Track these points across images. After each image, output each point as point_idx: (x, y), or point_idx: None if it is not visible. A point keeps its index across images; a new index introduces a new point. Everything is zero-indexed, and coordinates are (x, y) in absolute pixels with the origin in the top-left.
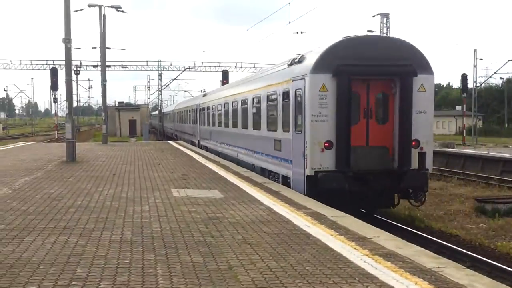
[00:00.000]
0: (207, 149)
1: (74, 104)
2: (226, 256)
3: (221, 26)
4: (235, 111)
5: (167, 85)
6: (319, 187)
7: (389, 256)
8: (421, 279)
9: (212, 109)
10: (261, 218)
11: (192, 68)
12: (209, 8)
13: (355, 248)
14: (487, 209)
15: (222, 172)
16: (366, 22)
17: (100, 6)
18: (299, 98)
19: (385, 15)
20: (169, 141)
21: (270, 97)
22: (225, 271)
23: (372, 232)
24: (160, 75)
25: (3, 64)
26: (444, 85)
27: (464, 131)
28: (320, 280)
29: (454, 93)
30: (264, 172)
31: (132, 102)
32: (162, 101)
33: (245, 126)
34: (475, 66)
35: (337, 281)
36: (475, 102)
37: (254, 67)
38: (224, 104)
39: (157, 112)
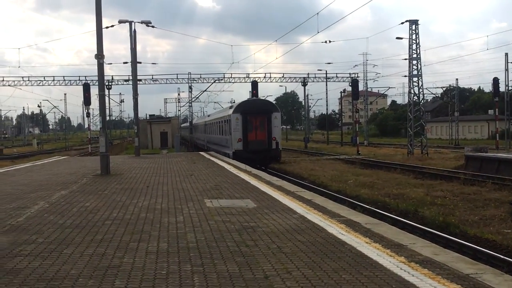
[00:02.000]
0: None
1: (107, 118)
2: (262, 266)
3: (249, 37)
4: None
5: (197, 97)
6: (237, 156)
7: (426, 263)
8: (459, 286)
9: None
10: (295, 226)
11: (221, 80)
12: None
13: (391, 255)
14: None
15: (254, 182)
16: (395, 29)
17: (130, 22)
18: (230, 122)
19: (414, 22)
20: (200, 152)
21: (219, 121)
22: (261, 281)
23: (407, 239)
24: (190, 87)
25: (37, 81)
26: (475, 89)
27: (497, 135)
28: None
29: (486, 97)
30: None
31: (163, 114)
32: (192, 113)
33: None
34: (506, 69)
35: None
36: (508, 105)
37: (283, 76)
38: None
39: (187, 124)
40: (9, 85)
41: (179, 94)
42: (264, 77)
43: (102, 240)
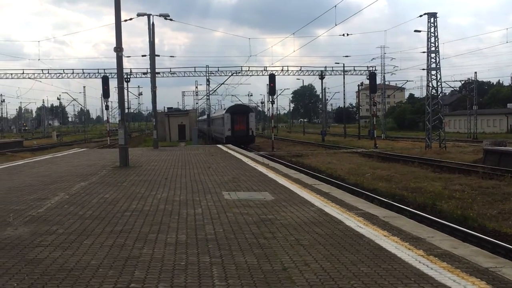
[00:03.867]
0: None
1: (125, 111)
2: (280, 258)
3: (266, 30)
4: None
5: (215, 90)
6: (228, 140)
7: (445, 256)
8: (478, 279)
9: None
10: (313, 219)
11: (239, 73)
12: (251, 13)
13: (409, 249)
14: None
15: (272, 175)
16: (412, 22)
17: (148, 15)
18: (224, 118)
19: (432, 15)
20: (218, 145)
21: (219, 117)
22: (280, 273)
23: (425, 232)
24: (207, 80)
25: (56, 73)
26: (494, 83)
27: None
28: (376, 281)
29: (505, 90)
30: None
31: (180, 107)
32: (210, 105)
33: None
34: None
35: (392, 281)
36: None
37: (300, 70)
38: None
39: (204, 117)
40: (29, 78)
41: (196, 87)
42: (282, 70)
43: (122, 231)
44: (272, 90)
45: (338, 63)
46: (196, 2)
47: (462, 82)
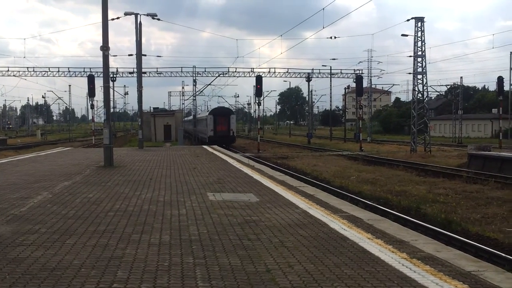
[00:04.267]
0: None
1: (111, 110)
2: (264, 259)
3: (253, 32)
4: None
5: (201, 91)
6: (210, 140)
7: (428, 259)
8: (461, 283)
9: None
10: (297, 221)
11: (226, 74)
12: (240, 15)
13: (392, 252)
14: None
15: (257, 176)
16: (400, 26)
17: (136, 14)
18: (207, 120)
19: (420, 19)
20: (203, 146)
21: (203, 119)
22: (263, 274)
23: (409, 235)
24: (194, 81)
25: (42, 71)
26: (480, 88)
27: (501, 134)
28: (359, 283)
29: (490, 96)
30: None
31: (167, 107)
32: (196, 106)
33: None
34: (511, 68)
35: (375, 284)
36: None
37: (287, 72)
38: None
39: (190, 117)
40: (14, 75)
41: (183, 88)
42: (269, 72)
43: (105, 231)
44: (258, 91)
45: (325, 65)
46: (184, 2)
47: (448, 86)
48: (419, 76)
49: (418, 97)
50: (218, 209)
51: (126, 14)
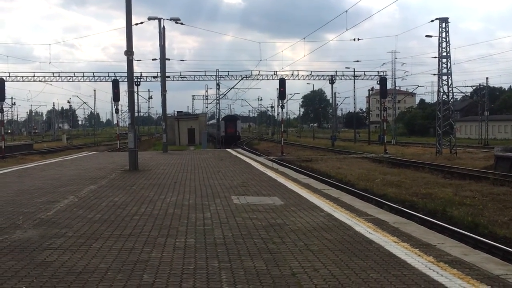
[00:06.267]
0: None
1: (135, 114)
2: (289, 263)
3: (276, 34)
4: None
5: (225, 94)
6: (223, 139)
7: (455, 263)
8: (489, 286)
9: None
10: (322, 224)
11: (249, 77)
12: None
13: (419, 255)
14: None
15: (281, 179)
16: (423, 27)
17: (159, 19)
18: (220, 124)
19: (444, 20)
20: (227, 149)
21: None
22: (288, 278)
23: (436, 238)
24: (218, 84)
25: (67, 76)
26: (506, 89)
27: None
28: (385, 287)
29: None
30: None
31: (190, 111)
32: (220, 109)
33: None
34: None
35: None
36: None
37: (310, 74)
38: None
39: (214, 120)
40: (39, 81)
41: (206, 91)
42: (292, 74)
43: (131, 234)
44: (282, 94)
45: (348, 68)
46: (204, 6)
47: (473, 87)
48: (444, 77)
49: (443, 98)
50: (243, 212)
51: (149, 18)
